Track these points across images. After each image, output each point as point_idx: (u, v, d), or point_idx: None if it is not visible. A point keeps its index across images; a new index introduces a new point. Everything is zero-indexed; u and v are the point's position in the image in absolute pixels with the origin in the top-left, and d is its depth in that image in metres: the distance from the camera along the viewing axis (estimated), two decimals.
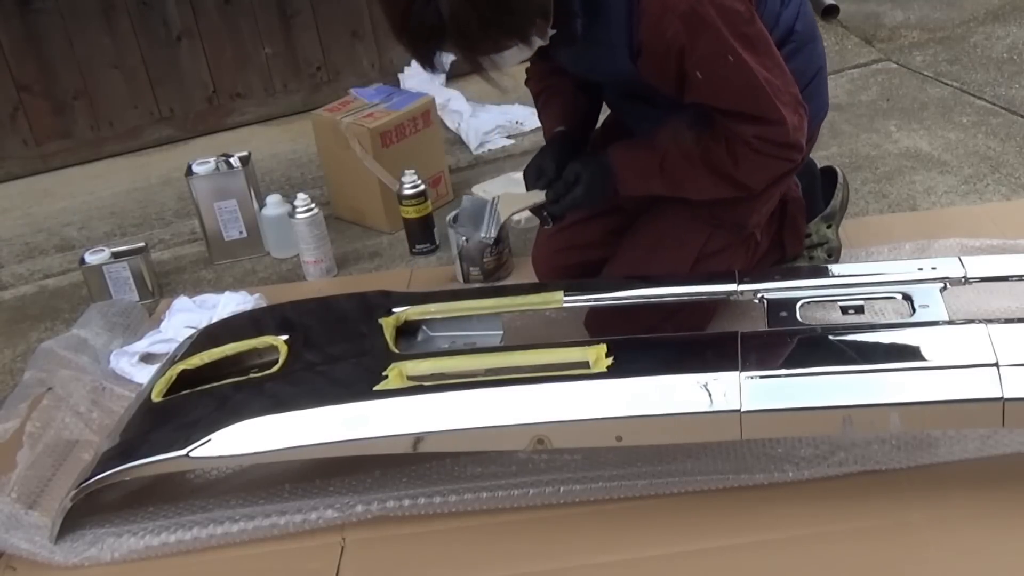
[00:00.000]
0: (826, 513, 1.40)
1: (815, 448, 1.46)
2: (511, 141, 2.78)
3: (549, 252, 1.91)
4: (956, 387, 1.32)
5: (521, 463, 1.52)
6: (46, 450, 1.69)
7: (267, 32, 3.09)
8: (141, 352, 1.95)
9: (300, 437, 1.44)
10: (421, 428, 1.41)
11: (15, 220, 2.80)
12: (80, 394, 1.81)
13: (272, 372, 1.59)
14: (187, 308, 2.09)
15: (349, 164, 2.40)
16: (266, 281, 2.31)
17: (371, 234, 2.44)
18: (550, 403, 1.40)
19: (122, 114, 3.05)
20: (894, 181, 2.34)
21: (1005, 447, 1.43)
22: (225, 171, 2.35)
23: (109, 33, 2.95)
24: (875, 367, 1.37)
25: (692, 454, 1.49)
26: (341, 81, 3.11)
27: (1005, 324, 1.40)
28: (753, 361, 1.38)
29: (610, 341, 1.49)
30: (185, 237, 2.58)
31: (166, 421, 1.56)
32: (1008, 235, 1.96)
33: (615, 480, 1.47)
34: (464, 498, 1.47)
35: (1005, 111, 2.62)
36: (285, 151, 2.96)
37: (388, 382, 1.48)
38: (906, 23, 3.26)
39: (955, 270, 1.58)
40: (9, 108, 2.94)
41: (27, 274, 2.52)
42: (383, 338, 1.62)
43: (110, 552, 1.48)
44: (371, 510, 1.47)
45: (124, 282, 2.23)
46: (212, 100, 3.12)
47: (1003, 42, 3.05)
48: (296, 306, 1.83)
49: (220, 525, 1.48)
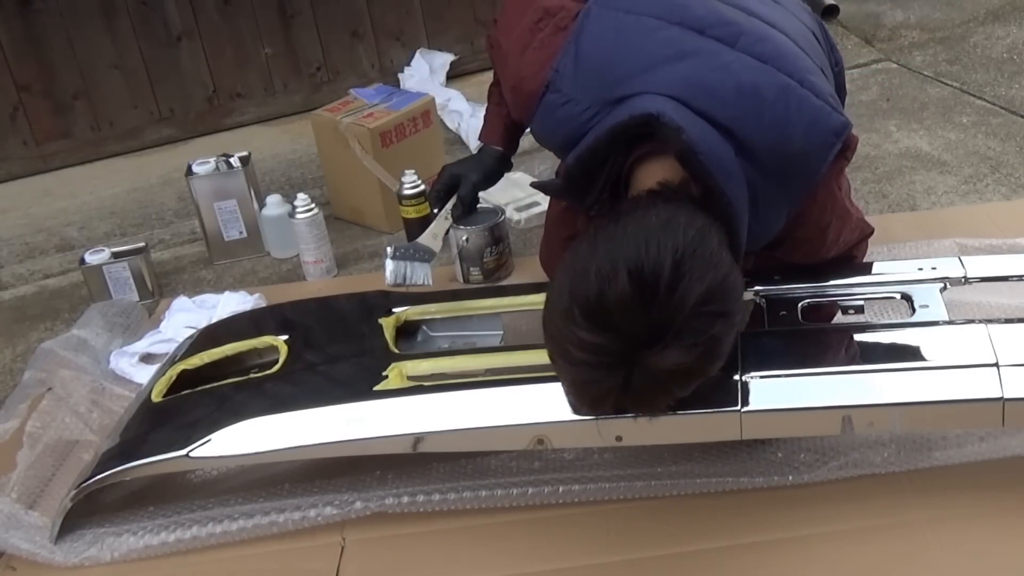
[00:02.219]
0: (826, 513, 1.40)
1: (815, 453, 1.46)
2: None
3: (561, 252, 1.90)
4: (956, 387, 1.32)
5: (521, 463, 1.52)
6: (46, 450, 1.69)
7: (267, 32, 3.09)
8: (141, 352, 1.95)
9: (300, 437, 1.44)
10: (421, 428, 1.41)
11: (15, 220, 2.80)
12: (80, 394, 1.81)
13: (272, 372, 1.59)
14: (187, 308, 2.09)
15: (349, 164, 2.40)
16: (266, 281, 2.31)
17: (371, 234, 2.44)
18: (550, 403, 1.39)
19: (122, 114, 3.05)
20: (894, 181, 2.34)
21: (1003, 451, 1.43)
22: (225, 171, 2.35)
23: (109, 33, 2.95)
24: (875, 367, 1.37)
25: (692, 457, 1.48)
26: (341, 81, 3.11)
27: (1005, 324, 1.40)
28: (753, 361, 1.38)
29: None
30: (185, 237, 2.58)
31: (166, 421, 1.56)
32: (1008, 235, 1.96)
33: (615, 480, 1.47)
34: (463, 496, 1.47)
35: (1005, 111, 2.62)
36: (285, 151, 2.95)
37: (388, 382, 1.48)
38: (906, 23, 3.26)
39: (955, 270, 1.57)
40: (9, 108, 2.94)
41: (27, 274, 2.52)
42: (383, 338, 1.62)
43: (110, 552, 1.48)
44: (370, 507, 1.47)
45: (124, 282, 2.23)
46: (212, 100, 3.12)
47: (1003, 42, 3.05)
48: (296, 306, 1.83)
49: (219, 524, 1.48)
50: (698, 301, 1.13)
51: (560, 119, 1.45)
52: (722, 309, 1.17)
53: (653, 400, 1.22)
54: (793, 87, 1.36)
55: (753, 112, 1.35)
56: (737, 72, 1.36)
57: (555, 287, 1.20)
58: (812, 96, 1.37)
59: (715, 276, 1.16)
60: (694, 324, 1.14)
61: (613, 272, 1.13)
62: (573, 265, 1.19)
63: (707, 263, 1.16)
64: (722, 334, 1.18)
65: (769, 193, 1.37)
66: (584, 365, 1.17)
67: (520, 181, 2.49)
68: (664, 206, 1.22)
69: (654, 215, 1.20)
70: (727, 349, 1.20)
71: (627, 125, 1.33)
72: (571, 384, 1.23)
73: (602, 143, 1.36)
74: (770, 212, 1.40)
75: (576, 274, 1.17)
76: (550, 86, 1.44)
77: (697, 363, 1.17)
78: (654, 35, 1.41)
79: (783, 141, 1.35)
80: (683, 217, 1.20)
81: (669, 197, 1.26)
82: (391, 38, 3.19)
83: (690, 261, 1.14)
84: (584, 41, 1.44)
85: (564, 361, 1.20)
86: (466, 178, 1.76)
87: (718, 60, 1.37)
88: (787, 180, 1.38)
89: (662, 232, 1.16)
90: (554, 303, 1.19)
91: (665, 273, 1.12)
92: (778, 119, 1.35)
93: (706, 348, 1.16)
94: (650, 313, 1.12)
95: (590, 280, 1.14)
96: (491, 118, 1.80)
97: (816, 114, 1.37)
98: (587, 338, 1.14)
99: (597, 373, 1.17)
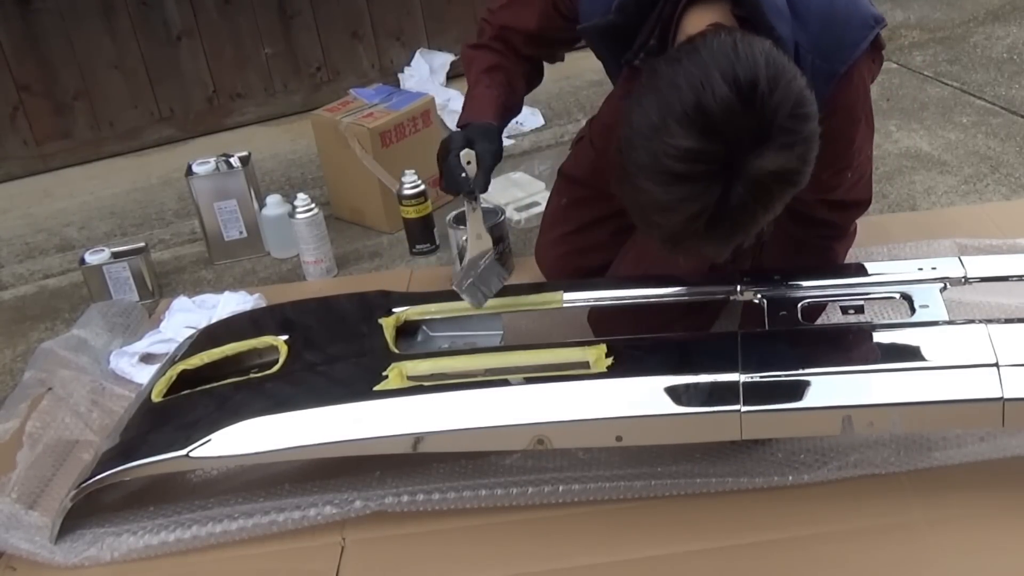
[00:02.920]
0: (826, 513, 1.40)
1: (815, 453, 1.46)
2: (511, 141, 2.78)
3: (556, 256, 1.90)
4: (956, 387, 1.32)
5: (521, 462, 1.52)
6: (46, 450, 1.69)
7: (267, 32, 3.09)
8: (141, 352, 1.95)
9: (300, 437, 1.44)
10: (421, 428, 1.41)
11: (15, 220, 2.80)
12: (80, 394, 1.81)
13: (272, 372, 1.59)
14: (187, 308, 2.09)
15: (349, 164, 2.40)
16: (266, 281, 2.31)
17: (371, 234, 2.44)
18: (550, 403, 1.40)
19: (122, 114, 3.05)
20: (894, 181, 2.34)
21: (1003, 451, 1.43)
22: (225, 171, 2.35)
23: (109, 33, 2.95)
24: (875, 367, 1.37)
25: (692, 457, 1.48)
26: (341, 81, 3.11)
27: (1005, 324, 1.40)
28: (753, 361, 1.38)
29: (610, 341, 1.49)
30: (185, 237, 2.58)
31: (166, 421, 1.56)
32: (1008, 235, 1.96)
33: (615, 480, 1.47)
34: (463, 495, 1.47)
35: (1005, 111, 2.62)
36: (285, 151, 2.95)
37: (388, 382, 1.48)
38: (906, 23, 3.27)
39: (955, 270, 1.57)
40: (9, 108, 2.94)
41: (27, 274, 2.52)
42: (383, 338, 1.62)
43: (110, 552, 1.48)
44: (370, 506, 1.47)
45: (124, 282, 2.23)
46: (212, 100, 3.12)
47: (1003, 42, 3.05)
48: (296, 306, 1.83)
49: (219, 523, 1.48)
50: (795, 103, 1.15)
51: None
52: (811, 111, 1.18)
53: (752, 218, 1.20)
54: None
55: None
56: None
57: (637, 109, 1.18)
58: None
59: (800, 81, 1.18)
60: (792, 125, 1.15)
61: (708, 80, 1.13)
62: (656, 86, 1.17)
63: (791, 70, 1.18)
64: (812, 136, 1.18)
65: (809, 55, 1.38)
66: (680, 179, 1.15)
67: (520, 181, 2.49)
68: (728, 34, 1.21)
69: (725, 38, 1.19)
70: (815, 154, 1.20)
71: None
72: (660, 207, 1.19)
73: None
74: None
75: (664, 90, 1.15)
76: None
77: (795, 166, 1.17)
78: None
79: (828, 5, 1.41)
80: (750, 37, 1.20)
81: (726, 30, 1.26)
82: (391, 38, 3.20)
83: (779, 67, 1.16)
84: None
85: (654, 181, 1.17)
86: (480, 144, 1.56)
87: None
88: (827, 47, 1.40)
89: (744, 45, 1.16)
90: (639, 123, 1.17)
91: (762, 77, 1.13)
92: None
93: (803, 150, 1.17)
94: (752, 115, 1.13)
95: (683, 91, 1.13)
96: (481, 99, 1.64)
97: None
98: (687, 144, 1.13)
99: (696, 186, 1.15)
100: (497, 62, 1.66)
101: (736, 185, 1.15)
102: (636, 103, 1.19)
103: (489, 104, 1.63)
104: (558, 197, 1.92)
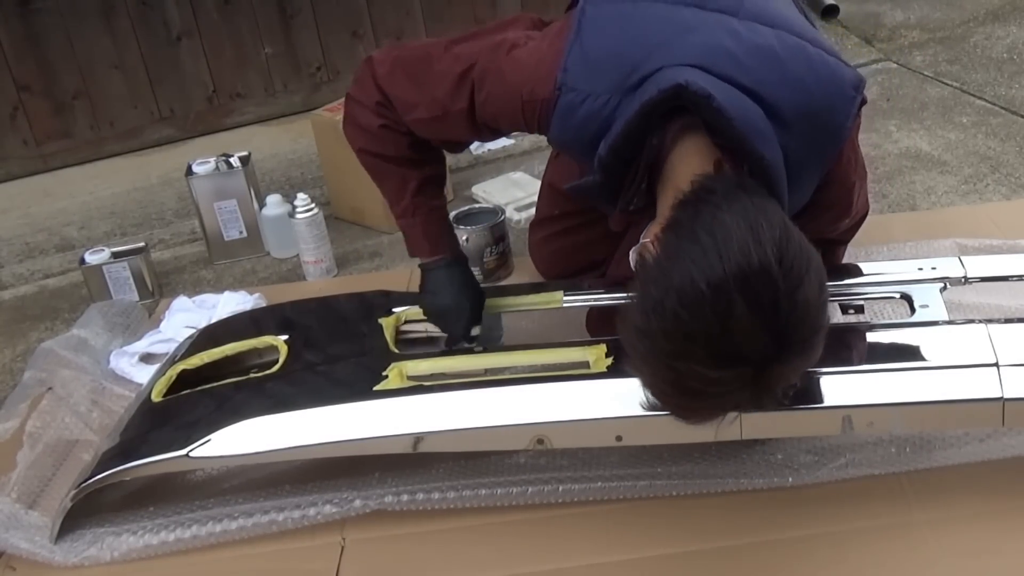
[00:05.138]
0: (826, 514, 1.40)
1: (815, 455, 1.46)
2: (511, 141, 2.78)
3: (548, 253, 1.90)
4: (956, 387, 1.32)
5: (521, 462, 1.52)
6: (46, 450, 1.69)
7: (267, 32, 3.09)
8: (141, 352, 1.95)
9: (300, 437, 1.44)
10: (421, 428, 1.41)
11: (15, 220, 2.80)
12: (80, 394, 1.81)
13: (272, 372, 1.59)
14: (187, 308, 2.09)
15: (349, 164, 2.39)
16: (266, 281, 2.31)
17: (371, 234, 2.44)
18: (550, 403, 1.40)
19: (122, 114, 3.05)
20: (894, 181, 2.34)
21: (1003, 451, 1.43)
22: (225, 171, 2.35)
23: (109, 33, 2.95)
24: (875, 367, 1.37)
25: (692, 457, 1.48)
26: (341, 81, 3.12)
27: (1005, 324, 1.40)
28: None
29: (610, 341, 1.48)
30: (185, 237, 2.58)
31: (166, 421, 1.56)
32: (1008, 235, 1.96)
33: (615, 480, 1.47)
34: (463, 495, 1.47)
35: (1005, 111, 2.62)
36: (285, 151, 2.95)
37: (388, 382, 1.48)
38: (906, 23, 3.27)
39: (955, 270, 1.57)
40: (9, 108, 2.94)
41: (27, 274, 2.52)
42: (383, 338, 1.62)
43: (110, 552, 1.48)
44: (370, 505, 1.47)
45: (124, 282, 2.23)
46: (212, 100, 3.12)
47: (1003, 42, 3.05)
48: (296, 306, 1.83)
49: (219, 523, 1.48)
50: (815, 295, 1.09)
51: (582, 118, 1.39)
52: (828, 293, 1.13)
53: (774, 399, 1.14)
54: (805, 46, 1.36)
55: (773, 73, 1.33)
56: (749, 36, 1.35)
57: (654, 325, 1.08)
58: (824, 53, 1.37)
59: (814, 260, 1.10)
60: (815, 320, 1.09)
61: (727, 302, 1.04)
62: (669, 302, 1.07)
63: (803, 251, 1.09)
64: (829, 318, 1.13)
65: (801, 157, 1.35)
66: (709, 398, 1.10)
67: (520, 181, 2.49)
68: (727, 204, 1.12)
69: (727, 217, 1.10)
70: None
71: (657, 100, 1.29)
72: (686, 411, 1.15)
73: (633, 125, 1.31)
74: (803, 176, 1.37)
75: (681, 309, 1.06)
76: (562, 88, 1.39)
77: (815, 356, 1.12)
78: (658, 15, 1.39)
79: (806, 99, 1.34)
80: (752, 210, 1.11)
81: (718, 189, 1.17)
82: (391, 38, 3.19)
83: (792, 258, 1.07)
84: (588, 36, 1.41)
85: (682, 396, 1.12)
86: (478, 307, 1.64)
87: (728, 27, 1.36)
88: (815, 140, 1.37)
89: (751, 237, 1.07)
90: (660, 343, 1.08)
91: (779, 283, 1.05)
92: (798, 77, 1.34)
93: (823, 336, 1.11)
94: (775, 329, 1.06)
95: (706, 315, 1.05)
96: (425, 226, 1.65)
97: (833, 70, 1.37)
98: (715, 375, 1.07)
99: (724, 401, 1.12)
100: (425, 175, 1.62)
101: (761, 386, 1.10)
102: (647, 308, 1.10)
103: (435, 228, 1.66)
104: (549, 207, 1.93)
